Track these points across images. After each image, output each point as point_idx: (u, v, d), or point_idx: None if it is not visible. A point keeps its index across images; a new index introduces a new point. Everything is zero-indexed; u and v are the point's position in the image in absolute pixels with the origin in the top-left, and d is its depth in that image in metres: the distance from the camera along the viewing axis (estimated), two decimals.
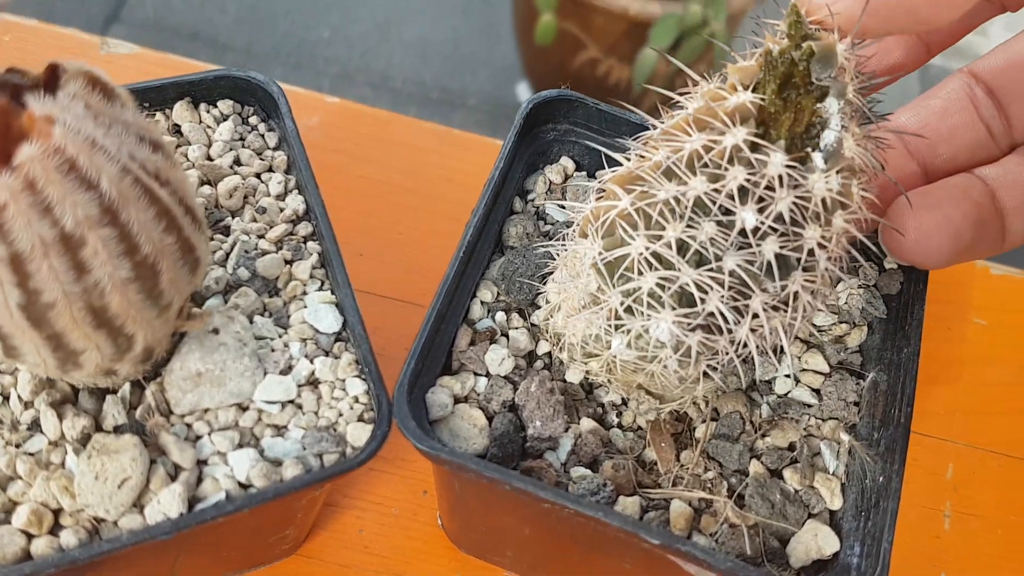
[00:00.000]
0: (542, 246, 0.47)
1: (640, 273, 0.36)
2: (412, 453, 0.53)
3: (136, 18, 2.04)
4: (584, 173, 0.52)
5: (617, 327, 0.38)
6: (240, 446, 0.40)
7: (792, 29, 0.33)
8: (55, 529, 0.38)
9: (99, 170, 0.28)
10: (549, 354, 0.47)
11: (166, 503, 0.37)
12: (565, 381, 0.45)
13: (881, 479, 0.42)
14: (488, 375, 0.45)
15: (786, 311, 0.35)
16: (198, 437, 0.40)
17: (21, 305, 0.30)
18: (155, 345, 0.36)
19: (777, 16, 0.36)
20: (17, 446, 0.39)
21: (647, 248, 0.35)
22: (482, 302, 0.47)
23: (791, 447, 0.44)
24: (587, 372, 0.45)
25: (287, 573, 0.56)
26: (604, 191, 0.38)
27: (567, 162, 0.51)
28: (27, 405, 0.40)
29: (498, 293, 0.47)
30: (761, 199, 0.33)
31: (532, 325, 0.47)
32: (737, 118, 0.33)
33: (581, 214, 0.39)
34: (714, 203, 0.34)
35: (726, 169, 0.33)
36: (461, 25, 2.12)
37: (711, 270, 0.34)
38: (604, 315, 0.39)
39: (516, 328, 0.46)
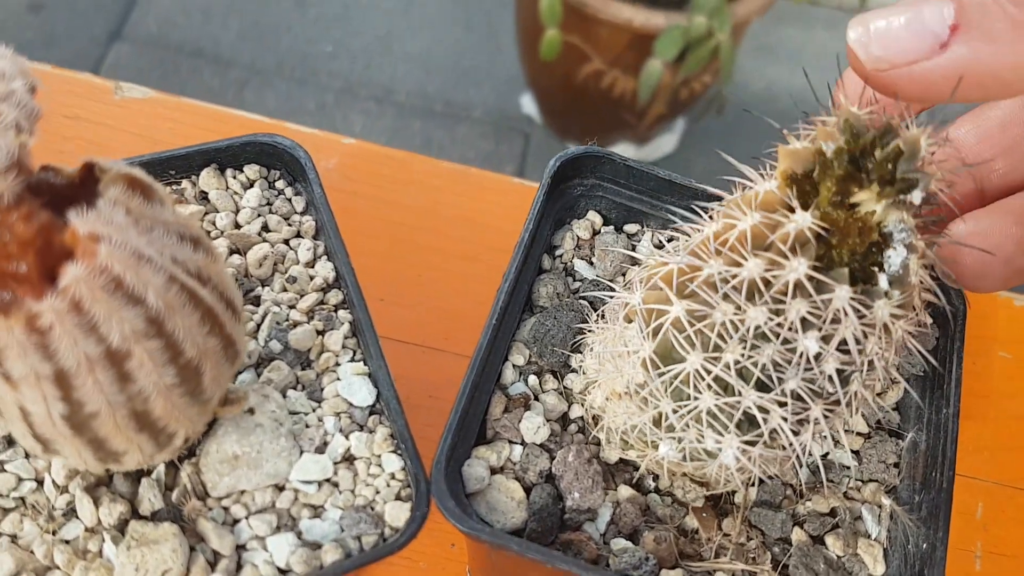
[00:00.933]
0: (572, 310, 0.47)
1: (696, 390, 0.35)
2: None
3: (139, 35, 2.03)
4: (611, 227, 0.51)
5: (667, 433, 0.38)
6: (278, 529, 0.39)
7: (848, 132, 0.32)
8: None
9: (145, 284, 0.28)
10: (582, 417, 0.46)
11: None
12: (600, 454, 0.45)
13: (924, 545, 0.41)
14: (523, 443, 0.44)
15: (843, 408, 0.34)
16: (236, 521, 0.40)
17: (64, 416, 0.30)
18: (194, 436, 0.36)
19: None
20: (53, 533, 0.39)
21: (704, 368, 0.34)
22: (514, 365, 0.46)
23: (832, 512, 0.43)
24: (625, 455, 0.44)
25: None
26: (649, 278, 0.38)
27: (594, 216, 0.51)
28: (62, 490, 0.40)
29: (530, 356, 0.47)
30: (822, 326, 0.33)
31: (565, 388, 0.46)
32: (797, 245, 0.32)
33: (623, 298, 0.39)
34: (776, 335, 0.33)
35: (787, 300, 0.32)
36: (464, 38, 2.12)
37: (772, 391, 0.34)
38: (651, 416, 0.38)
39: (549, 391, 0.46)
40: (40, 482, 0.40)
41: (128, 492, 0.40)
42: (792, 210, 0.33)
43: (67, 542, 0.39)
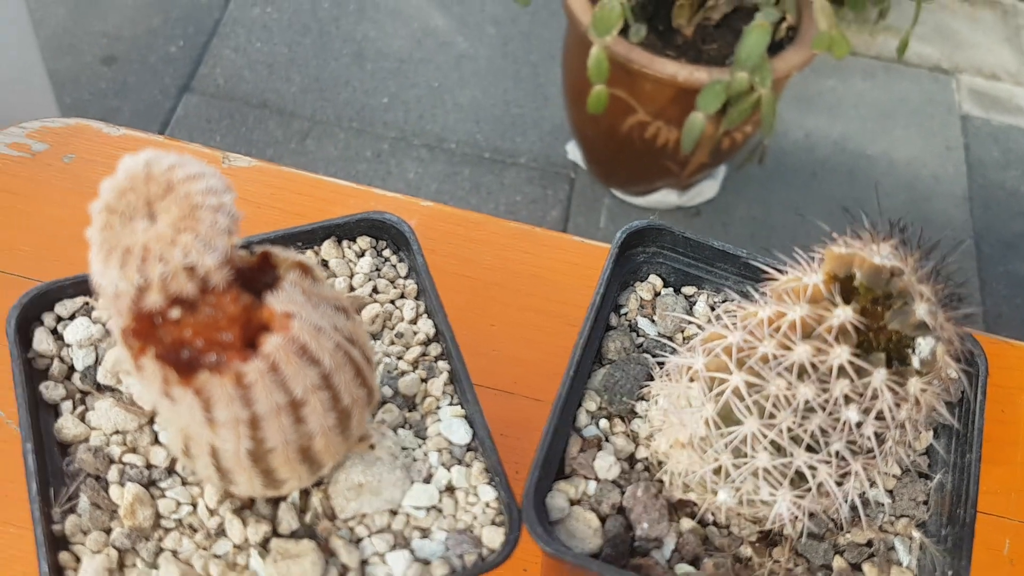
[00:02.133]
0: (638, 363, 0.54)
1: (754, 449, 0.43)
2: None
3: (207, 87, 2.16)
4: (671, 289, 0.59)
5: (726, 482, 0.45)
6: (394, 547, 0.47)
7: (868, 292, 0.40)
8: None
9: (322, 349, 0.36)
10: (647, 458, 0.53)
11: None
12: (663, 491, 0.51)
13: (950, 573, 0.47)
14: (597, 479, 0.51)
15: (879, 461, 0.41)
16: (359, 539, 0.47)
17: (249, 451, 0.38)
18: (335, 466, 0.44)
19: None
20: (206, 549, 0.47)
21: (761, 432, 0.42)
22: (587, 411, 0.54)
23: (869, 543, 0.50)
24: (686, 497, 0.51)
25: None
26: (710, 347, 0.45)
27: (655, 280, 0.58)
28: (213, 512, 0.48)
29: (601, 402, 0.54)
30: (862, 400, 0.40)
31: (632, 431, 0.54)
32: (840, 335, 0.40)
33: (686, 361, 0.46)
34: (822, 407, 0.41)
35: (831, 379, 0.40)
36: (512, 89, 2.22)
37: (819, 452, 0.41)
38: (712, 467, 0.46)
39: (618, 434, 0.53)
40: (195, 506, 0.48)
41: (269, 514, 0.48)
42: (835, 304, 0.40)
43: (218, 556, 0.46)
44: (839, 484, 0.45)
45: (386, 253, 0.58)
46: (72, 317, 0.52)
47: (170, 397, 0.35)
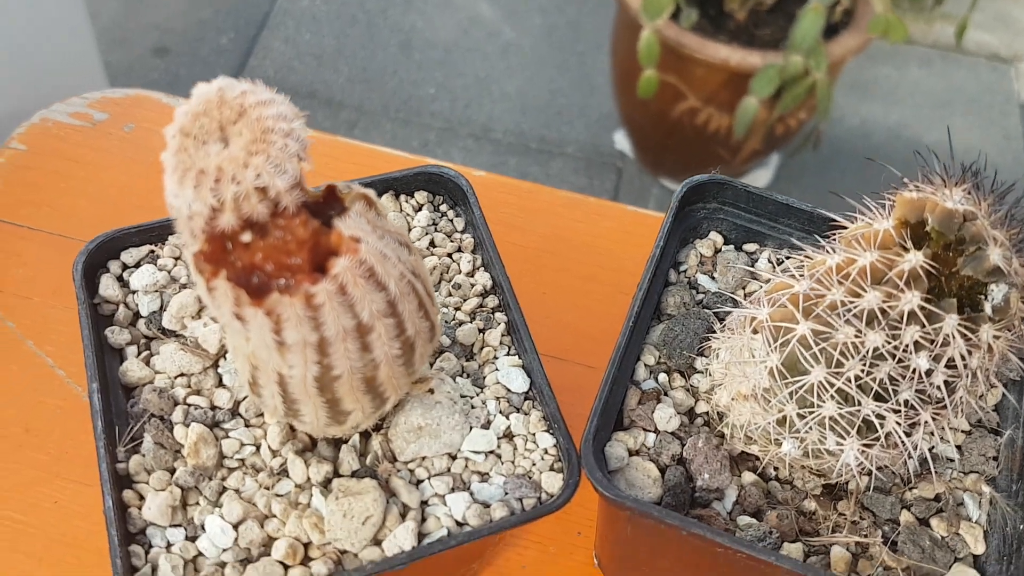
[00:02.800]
0: (698, 318, 0.53)
1: (820, 399, 0.42)
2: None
3: (257, 79, 2.19)
4: (731, 246, 0.58)
5: (790, 433, 0.44)
6: (453, 489, 0.47)
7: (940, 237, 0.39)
8: (305, 560, 0.45)
9: (388, 275, 0.36)
10: (707, 413, 0.52)
11: (401, 537, 0.45)
12: (723, 445, 0.51)
13: (1021, 527, 0.46)
14: (656, 431, 0.51)
15: (949, 412, 0.40)
16: (419, 481, 0.47)
17: (316, 377, 0.38)
18: (396, 402, 0.44)
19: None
20: (268, 488, 0.47)
21: (828, 381, 0.41)
22: (646, 365, 0.53)
23: (937, 498, 0.48)
24: (747, 450, 0.50)
25: None
26: (775, 297, 0.44)
27: (716, 237, 0.57)
28: (275, 453, 0.48)
29: (659, 357, 0.53)
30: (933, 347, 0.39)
31: (691, 386, 0.53)
32: (911, 280, 0.39)
33: (749, 312, 0.46)
34: (892, 355, 0.40)
35: (902, 326, 0.39)
36: (558, 78, 2.21)
37: (888, 401, 0.41)
38: (775, 417, 0.45)
39: (676, 388, 0.52)
40: (257, 447, 0.48)
41: (330, 456, 0.48)
42: (906, 249, 0.39)
43: (280, 495, 0.47)
44: (907, 435, 0.44)
45: (443, 208, 0.58)
46: (137, 265, 0.53)
47: (241, 319, 0.35)
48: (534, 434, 0.49)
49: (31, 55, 1.33)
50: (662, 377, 0.53)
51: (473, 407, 0.50)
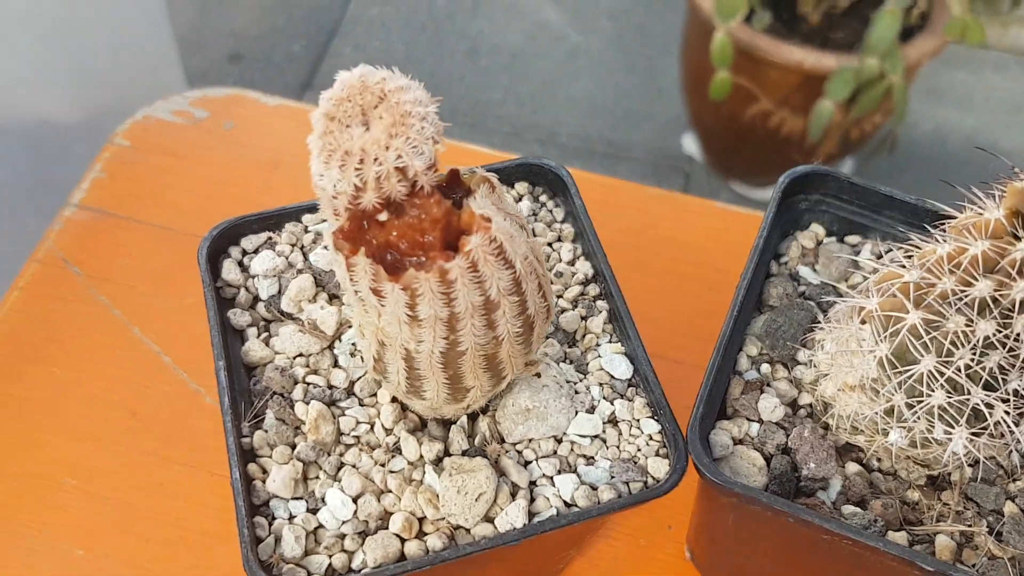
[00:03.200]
0: (802, 309, 0.53)
1: (929, 388, 0.42)
2: None
3: (328, 85, 2.24)
4: (833, 238, 0.58)
5: (898, 422, 0.44)
6: (560, 472, 0.48)
7: None
8: (420, 535, 0.47)
9: (515, 253, 0.37)
10: (810, 404, 0.52)
11: (512, 515, 0.46)
12: (827, 436, 0.51)
13: None
14: (760, 421, 0.51)
15: None
16: (527, 462, 0.48)
17: (442, 352, 0.39)
18: (511, 379, 0.45)
19: None
20: (383, 465, 0.49)
21: (937, 370, 0.41)
22: (748, 355, 0.53)
23: None
24: (852, 440, 0.50)
25: None
26: (884, 287, 0.44)
27: (817, 228, 0.57)
28: (388, 432, 0.50)
29: (762, 348, 0.54)
30: None
31: (794, 378, 0.53)
32: (1023, 269, 0.39)
33: (857, 302, 0.46)
34: (1002, 344, 0.39)
35: (1013, 315, 0.39)
36: (625, 82, 2.21)
37: (998, 390, 0.40)
38: (883, 407, 0.45)
39: (780, 379, 0.53)
40: (372, 425, 0.50)
41: (440, 435, 0.50)
42: (1018, 238, 0.39)
43: (394, 472, 0.48)
44: (1016, 424, 0.43)
45: (542, 198, 0.59)
46: (256, 251, 0.55)
47: (379, 294, 0.37)
48: (638, 420, 0.50)
49: (117, 58, 1.39)
50: (764, 368, 0.53)
51: (577, 392, 0.51)
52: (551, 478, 0.48)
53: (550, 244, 0.57)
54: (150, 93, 1.62)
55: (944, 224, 0.45)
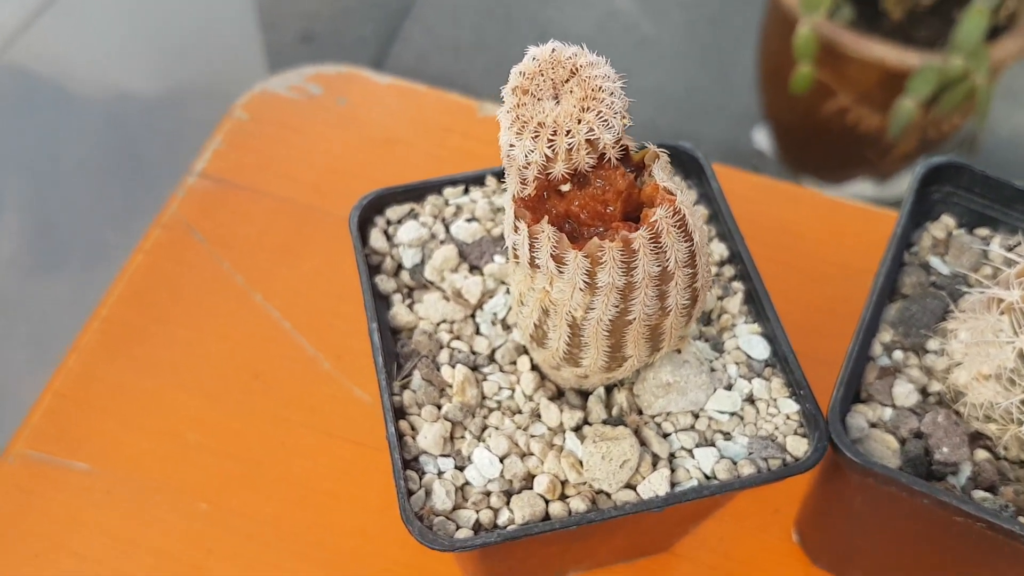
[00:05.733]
0: (936, 298, 0.54)
1: None
2: None
3: (398, 66, 2.27)
4: (963, 230, 0.58)
5: None
6: (698, 445, 0.49)
7: None
8: (562, 497, 0.48)
9: (694, 226, 0.39)
10: (939, 392, 0.53)
11: (655, 483, 0.47)
12: (960, 418, 0.51)
13: None
14: (894, 406, 0.52)
15: None
16: (666, 434, 0.50)
17: (610, 319, 0.41)
18: (667, 352, 0.47)
19: None
20: (524, 429, 0.51)
21: None
22: (880, 343, 0.54)
23: None
24: (982, 429, 0.51)
25: (663, 566, 0.65)
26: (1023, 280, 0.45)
27: (948, 220, 0.58)
28: (528, 399, 0.51)
29: (894, 335, 0.54)
30: None
31: (925, 366, 0.54)
32: None
33: (996, 293, 0.46)
34: None
35: None
36: (697, 74, 2.20)
37: None
38: (1020, 398, 0.45)
39: (911, 366, 0.53)
40: (512, 392, 0.52)
41: (579, 404, 0.51)
42: None
43: (535, 436, 0.50)
44: None
45: (676, 179, 0.60)
46: (400, 221, 0.57)
47: (560, 261, 0.38)
48: (775, 399, 0.51)
49: (200, 34, 1.42)
50: (897, 354, 0.54)
51: (714, 370, 0.52)
52: (690, 451, 0.49)
53: None
54: (229, 71, 1.66)
55: None
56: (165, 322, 0.75)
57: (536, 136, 0.37)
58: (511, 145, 0.38)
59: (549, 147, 0.37)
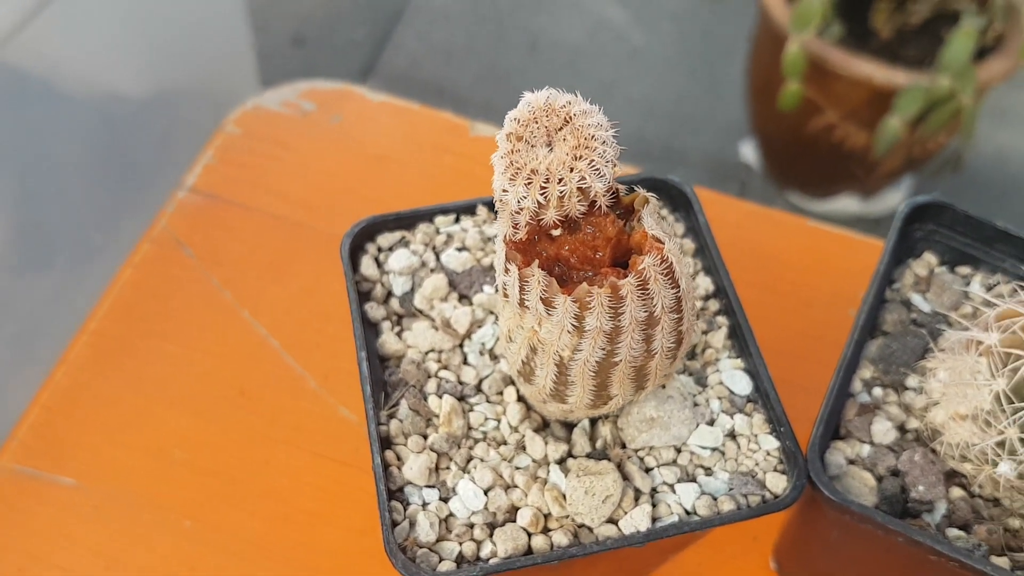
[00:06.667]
0: (916, 336, 0.55)
1: None
2: None
3: (389, 72, 2.27)
4: (944, 268, 0.59)
5: (1008, 455, 0.46)
6: (680, 480, 0.50)
7: None
8: (544, 530, 0.49)
9: (681, 273, 0.39)
10: (917, 429, 0.54)
11: (637, 518, 0.48)
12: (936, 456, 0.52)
13: None
14: (872, 443, 0.53)
15: None
16: (648, 469, 0.51)
17: (597, 362, 0.42)
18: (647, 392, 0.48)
19: None
20: (509, 461, 0.51)
21: None
22: (861, 379, 0.55)
23: None
24: (957, 468, 0.52)
25: None
26: (1004, 324, 0.46)
27: (930, 257, 0.59)
28: (514, 430, 0.52)
29: (875, 372, 0.55)
30: None
31: (903, 403, 0.55)
32: None
33: (975, 336, 0.47)
34: None
35: None
36: (686, 86, 2.22)
37: None
38: (995, 440, 0.47)
39: (890, 403, 0.54)
40: (498, 422, 0.52)
41: (564, 436, 0.52)
42: None
43: (520, 468, 0.51)
44: None
45: (663, 212, 0.61)
46: (391, 249, 0.58)
47: (549, 304, 0.39)
48: (756, 435, 0.52)
49: (192, 37, 1.42)
50: (876, 391, 0.55)
51: (696, 404, 0.53)
52: (671, 486, 0.50)
53: None
54: (220, 73, 1.65)
55: None
56: (153, 337, 0.75)
57: (529, 183, 0.38)
58: (504, 190, 0.38)
59: (542, 194, 0.38)
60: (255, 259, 0.80)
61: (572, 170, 0.38)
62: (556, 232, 0.40)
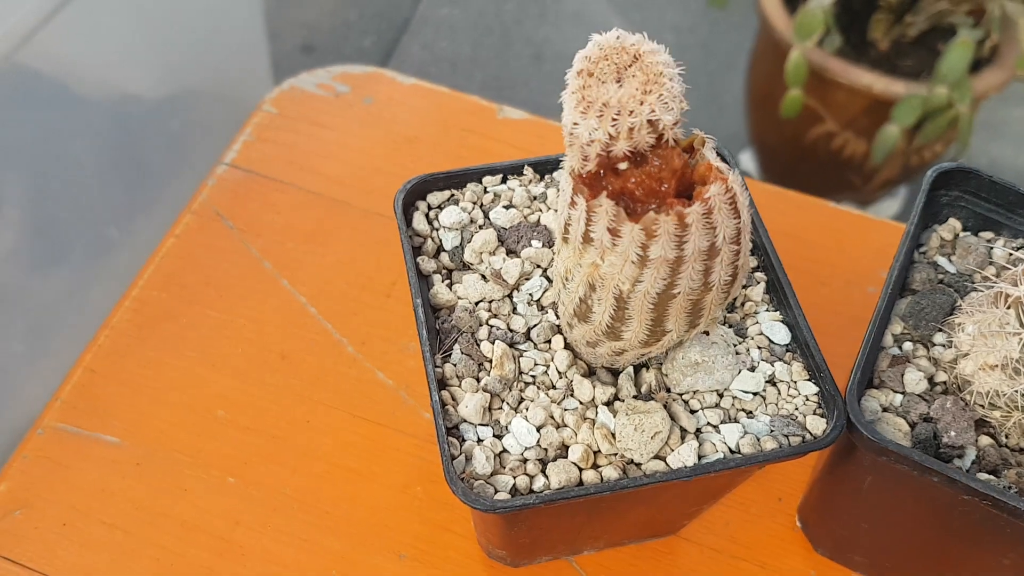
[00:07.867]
0: (944, 294, 0.58)
1: None
2: (773, 466, 0.63)
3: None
4: (968, 233, 0.62)
5: None
6: (723, 422, 0.52)
7: None
8: (594, 466, 0.51)
9: (743, 204, 0.42)
10: (945, 382, 0.57)
11: (684, 454, 0.50)
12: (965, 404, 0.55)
13: None
14: (904, 392, 0.55)
15: None
16: (693, 411, 0.53)
17: (657, 293, 0.44)
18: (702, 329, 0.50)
19: None
20: (558, 403, 0.53)
21: None
22: (892, 334, 0.58)
23: None
24: (986, 416, 0.54)
25: (671, 548, 0.68)
26: None
27: (955, 223, 0.62)
28: (561, 375, 0.54)
29: (905, 328, 0.58)
30: None
31: (932, 357, 0.57)
32: None
33: (1003, 288, 0.50)
34: None
35: None
36: (686, 96, 2.25)
37: None
38: (1023, 386, 0.49)
39: (920, 357, 0.57)
40: (547, 368, 0.55)
41: (609, 381, 0.54)
42: None
43: (568, 410, 0.53)
44: None
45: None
46: (440, 206, 0.60)
47: (616, 234, 0.41)
48: (796, 382, 0.54)
49: (208, 41, 1.45)
50: (906, 345, 0.57)
51: (738, 353, 0.55)
52: (716, 426, 0.52)
53: None
54: (235, 77, 1.68)
55: None
56: (195, 303, 0.77)
57: (601, 115, 0.40)
58: (575, 123, 0.41)
59: (612, 126, 0.40)
60: (293, 231, 0.82)
61: (642, 103, 0.40)
62: (622, 166, 0.42)
